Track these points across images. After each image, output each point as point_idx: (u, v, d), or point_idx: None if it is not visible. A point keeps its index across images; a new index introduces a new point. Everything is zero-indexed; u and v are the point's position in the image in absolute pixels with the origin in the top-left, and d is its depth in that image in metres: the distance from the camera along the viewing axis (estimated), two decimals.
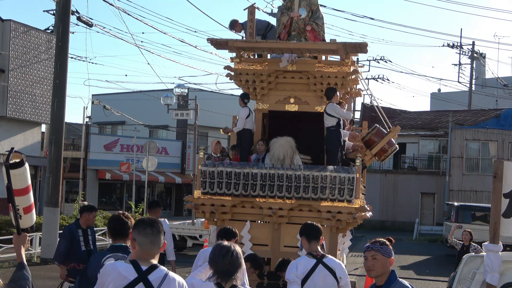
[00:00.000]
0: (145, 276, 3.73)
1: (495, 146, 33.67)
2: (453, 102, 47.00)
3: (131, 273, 3.74)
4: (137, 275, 3.73)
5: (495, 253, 6.58)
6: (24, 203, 4.05)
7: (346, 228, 9.87)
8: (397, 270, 18.95)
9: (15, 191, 3.93)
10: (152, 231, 3.80)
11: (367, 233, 30.65)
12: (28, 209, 4.10)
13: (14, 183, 3.91)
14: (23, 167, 4.00)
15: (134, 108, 39.94)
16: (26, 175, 4.06)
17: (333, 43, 10.05)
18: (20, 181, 3.99)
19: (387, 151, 10.91)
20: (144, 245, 3.79)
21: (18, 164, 3.97)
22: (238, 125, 10.37)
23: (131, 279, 3.72)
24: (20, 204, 4.01)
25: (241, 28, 11.42)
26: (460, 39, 46.60)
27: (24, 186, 4.02)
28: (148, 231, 3.80)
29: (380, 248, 4.41)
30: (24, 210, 4.05)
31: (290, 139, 9.90)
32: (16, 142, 29.13)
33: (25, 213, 4.06)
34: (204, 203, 9.84)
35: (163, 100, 29.16)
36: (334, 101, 9.96)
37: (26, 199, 4.08)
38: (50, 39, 28.33)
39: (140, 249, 3.79)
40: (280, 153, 9.74)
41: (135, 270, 3.75)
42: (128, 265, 3.78)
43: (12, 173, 3.90)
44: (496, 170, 6.59)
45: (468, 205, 25.31)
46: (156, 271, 3.76)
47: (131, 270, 3.75)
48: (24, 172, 4.01)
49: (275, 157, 9.77)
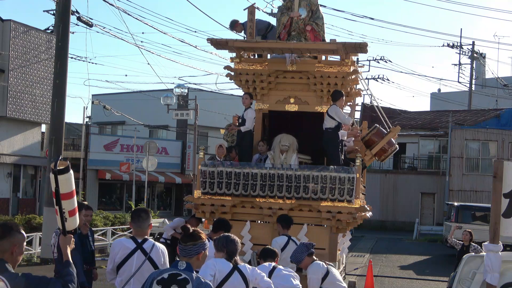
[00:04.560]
0: (141, 245, 5.54)
1: (495, 146, 33.66)
2: (453, 102, 47.00)
3: (131, 244, 5.56)
4: (135, 245, 5.54)
5: (495, 253, 6.58)
6: (69, 206, 4.38)
7: (346, 228, 9.87)
8: (397, 270, 18.93)
9: (61, 195, 4.29)
10: (139, 219, 5.66)
11: (367, 233, 30.66)
12: (72, 212, 4.42)
13: (60, 188, 4.28)
14: (69, 173, 4.34)
15: (134, 108, 39.92)
16: (71, 180, 4.39)
17: (333, 43, 10.06)
18: (66, 186, 4.32)
19: (387, 151, 10.92)
20: (136, 227, 5.64)
21: (64, 170, 4.30)
22: (247, 125, 10.39)
23: (131, 248, 5.54)
24: (66, 208, 4.34)
25: (241, 28, 11.43)
26: (460, 39, 46.63)
27: (69, 191, 4.36)
28: (138, 218, 5.68)
29: None
30: (69, 213, 4.38)
31: (294, 138, 9.97)
32: (16, 142, 29.13)
33: (70, 216, 4.38)
34: (204, 203, 9.84)
35: (163, 100, 29.17)
36: (338, 104, 9.96)
37: (71, 203, 4.40)
38: (50, 39, 28.32)
39: (135, 229, 5.67)
40: (285, 140, 9.79)
41: (134, 242, 5.57)
42: (129, 239, 5.63)
43: (59, 179, 4.26)
44: (496, 170, 6.59)
45: (468, 205, 25.28)
46: (147, 242, 5.58)
47: (131, 243, 5.57)
48: (69, 178, 4.35)
49: (281, 142, 9.82)
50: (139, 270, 5.44)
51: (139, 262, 5.48)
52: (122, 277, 5.55)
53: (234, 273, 5.26)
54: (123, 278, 5.54)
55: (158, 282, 4.08)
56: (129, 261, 5.51)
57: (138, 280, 5.40)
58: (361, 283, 13.74)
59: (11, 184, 29.51)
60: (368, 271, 12.93)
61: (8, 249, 3.82)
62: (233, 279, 5.23)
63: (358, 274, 16.20)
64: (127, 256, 5.51)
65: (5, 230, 3.85)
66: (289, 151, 9.85)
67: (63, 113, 15.66)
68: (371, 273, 12.94)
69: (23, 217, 21.39)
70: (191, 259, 4.25)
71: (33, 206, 29.73)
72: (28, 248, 18.07)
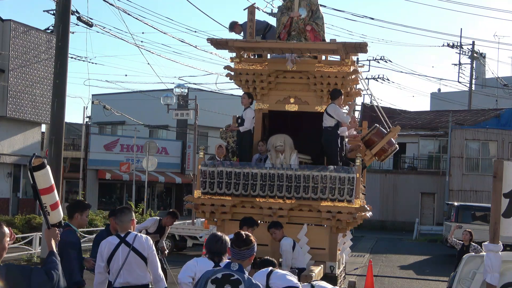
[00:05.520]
0: (124, 239, 5.98)
1: (495, 146, 33.65)
2: (453, 102, 46.98)
3: (115, 239, 6.02)
4: (119, 240, 5.99)
5: (495, 253, 6.58)
6: (50, 200, 4.61)
7: (346, 228, 9.87)
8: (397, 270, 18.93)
9: (40, 191, 4.52)
10: (121, 214, 6.14)
11: (367, 233, 30.66)
12: (54, 206, 4.65)
13: (38, 183, 4.50)
14: (45, 169, 4.55)
15: (134, 108, 39.89)
16: (49, 175, 4.60)
17: (333, 43, 10.05)
18: (44, 182, 4.54)
19: (387, 151, 10.92)
20: (118, 221, 6.14)
21: (40, 167, 4.52)
22: (246, 125, 10.38)
23: (115, 243, 5.98)
24: (47, 202, 4.58)
25: (240, 30, 11.42)
26: (460, 39, 46.60)
27: (48, 186, 4.58)
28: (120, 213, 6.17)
29: None
30: (51, 207, 4.61)
31: (288, 136, 9.96)
32: (16, 142, 29.13)
33: (52, 209, 4.62)
34: (204, 203, 9.84)
35: (163, 100, 29.13)
36: (337, 103, 9.97)
37: (52, 197, 4.63)
38: (50, 39, 28.31)
39: (118, 225, 6.20)
40: (277, 141, 9.80)
41: (117, 237, 6.02)
42: (114, 236, 6.13)
43: (36, 175, 4.48)
44: (496, 170, 6.58)
45: (468, 205, 25.26)
46: (130, 235, 6.02)
47: (115, 239, 6.04)
48: (46, 173, 4.56)
49: (272, 143, 9.83)
50: (126, 261, 5.89)
51: (124, 254, 5.90)
52: (112, 270, 5.96)
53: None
54: (113, 272, 5.95)
55: (213, 282, 4.34)
56: (116, 255, 5.92)
57: (127, 270, 5.90)
58: (361, 283, 13.73)
59: (11, 184, 29.51)
60: (368, 271, 12.93)
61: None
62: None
63: (358, 274, 16.20)
64: (113, 250, 5.94)
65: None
66: (286, 150, 9.83)
67: (63, 113, 15.64)
68: (371, 273, 12.94)
69: (23, 217, 21.40)
70: (244, 261, 4.54)
71: (33, 206, 29.72)
72: (28, 248, 18.08)
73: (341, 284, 10.70)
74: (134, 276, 5.95)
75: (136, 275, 5.95)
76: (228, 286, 4.31)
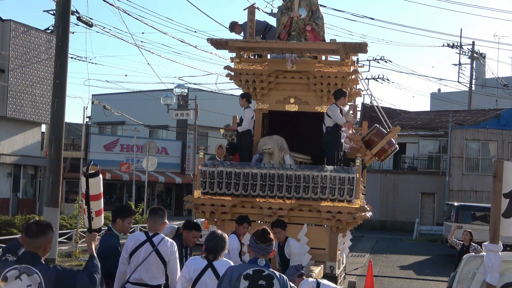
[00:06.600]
0: (151, 238, 6.06)
1: (495, 146, 33.63)
2: (453, 102, 46.98)
3: (143, 237, 6.12)
4: (146, 238, 6.08)
5: (495, 253, 6.58)
6: (96, 207, 4.87)
7: (346, 228, 9.87)
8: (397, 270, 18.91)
9: (91, 197, 4.79)
10: (155, 215, 6.21)
11: (367, 233, 30.65)
12: (99, 212, 4.92)
13: (91, 190, 4.78)
14: (98, 177, 4.85)
15: (134, 108, 39.90)
16: (100, 184, 4.90)
17: (333, 43, 10.05)
18: (95, 188, 4.83)
19: (387, 151, 10.92)
20: (152, 222, 6.19)
21: (95, 174, 4.82)
22: (244, 125, 10.38)
23: (142, 240, 6.08)
24: (93, 208, 4.83)
25: (240, 30, 11.42)
26: (460, 39, 46.59)
27: (97, 193, 4.87)
28: (154, 215, 6.22)
29: None
30: (96, 213, 4.87)
31: (279, 137, 9.93)
32: (16, 142, 29.13)
33: (96, 215, 4.87)
34: (204, 203, 9.84)
35: (163, 100, 29.13)
36: (340, 103, 9.95)
37: (98, 204, 4.90)
38: (50, 39, 28.30)
39: (150, 224, 6.23)
40: (264, 144, 9.79)
41: (145, 235, 6.12)
42: (142, 233, 6.20)
43: (90, 182, 4.77)
44: (496, 170, 6.58)
45: (468, 205, 25.25)
46: (157, 236, 6.08)
47: (143, 235, 6.16)
48: (99, 181, 4.87)
49: (259, 146, 9.82)
50: (146, 260, 5.99)
51: (146, 253, 6.00)
52: (131, 265, 6.10)
53: (208, 270, 5.31)
54: (132, 266, 6.09)
55: (245, 278, 4.46)
56: (138, 251, 6.05)
57: (144, 268, 6.03)
58: (361, 283, 13.73)
59: (11, 184, 29.50)
60: (368, 271, 12.92)
61: (42, 246, 4.16)
62: (205, 276, 5.30)
63: (358, 274, 16.20)
64: (138, 246, 6.06)
65: (41, 229, 4.19)
66: (275, 152, 9.78)
67: (63, 113, 15.63)
68: (371, 273, 12.94)
69: (23, 217, 21.37)
70: (267, 256, 4.66)
71: (33, 206, 29.74)
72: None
73: (341, 284, 10.71)
74: (150, 275, 6.05)
75: (151, 274, 6.06)
76: (262, 282, 4.42)
